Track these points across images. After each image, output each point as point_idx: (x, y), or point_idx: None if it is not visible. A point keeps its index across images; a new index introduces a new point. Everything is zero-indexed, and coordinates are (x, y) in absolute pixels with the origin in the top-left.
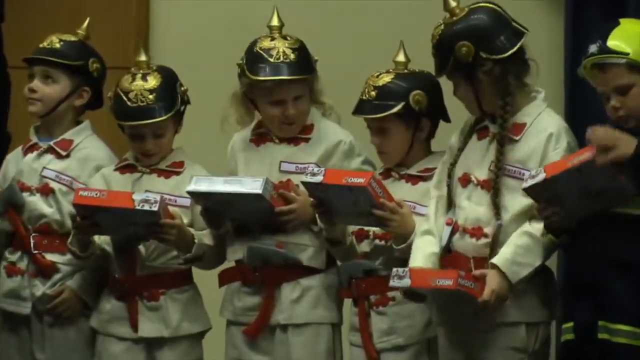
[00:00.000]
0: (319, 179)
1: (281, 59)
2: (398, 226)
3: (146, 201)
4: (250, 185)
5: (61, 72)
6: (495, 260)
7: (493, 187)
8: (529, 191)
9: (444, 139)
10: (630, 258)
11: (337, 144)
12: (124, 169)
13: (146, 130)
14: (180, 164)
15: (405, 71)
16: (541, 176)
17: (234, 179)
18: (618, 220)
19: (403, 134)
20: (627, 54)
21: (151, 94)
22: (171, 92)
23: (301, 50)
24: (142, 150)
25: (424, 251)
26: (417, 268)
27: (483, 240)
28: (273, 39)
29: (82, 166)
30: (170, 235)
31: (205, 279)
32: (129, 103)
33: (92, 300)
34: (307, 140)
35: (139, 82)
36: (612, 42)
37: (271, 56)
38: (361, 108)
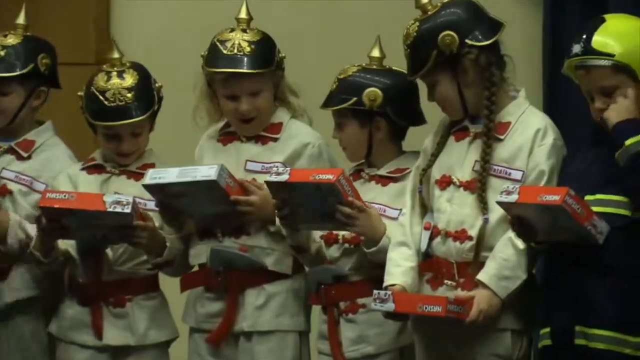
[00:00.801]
0: (284, 177)
1: (235, 51)
2: (364, 226)
3: (118, 203)
4: (205, 172)
5: (13, 83)
6: (481, 277)
7: (479, 182)
8: (501, 205)
9: (420, 140)
10: (610, 261)
11: (305, 146)
12: (91, 169)
13: (124, 130)
14: (151, 166)
15: (374, 67)
16: (514, 197)
17: (189, 168)
18: None
19: (358, 131)
20: (613, 55)
21: (129, 92)
22: (148, 90)
23: (261, 44)
24: (119, 150)
25: (401, 266)
26: (400, 290)
27: (468, 244)
28: (232, 30)
29: (44, 167)
30: (142, 238)
31: (169, 285)
32: (106, 103)
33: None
34: (274, 139)
35: (115, 81)
36: (597, 42)
37: (225, 47)
38: (325, 100)
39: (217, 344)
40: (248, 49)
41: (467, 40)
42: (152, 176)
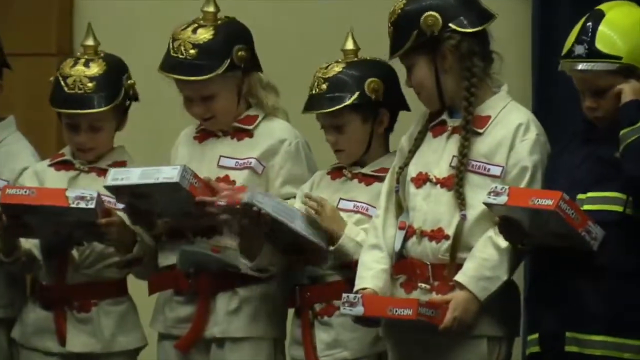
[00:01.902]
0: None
1: (178, 53)
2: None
3: (82, 198)
4: (167, 173)
5: None
6: (459, 278)
7: (457, 177)
8: (489, 207)
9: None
10: (601, 261)
11: (282, 142)
12: (59, 165)
13: (81, 121)
14: (122, 164)
15: (356, 59)
16: (503, 199)
17: (151, 168)
18: None
19: (361, 128)
20: (620, 57)
21: (91, 81)
22: (114, 83)
23: (212, 44)
24: (76, 142)
25: (372, 269)
26: (370, 294)
27: (445, 243)
28: (186, 27)
29: (4, 163)
30: (110, 234)
31: (141, 290)
32: (65, 89)
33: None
34: (250, 135)
35: (79, 68)
36: (602, 42)
37: (172, 49)
38: (312, 104)
39: (186, 350)
40: (192, 52)
41: (450, 24)
42: (114, 177)
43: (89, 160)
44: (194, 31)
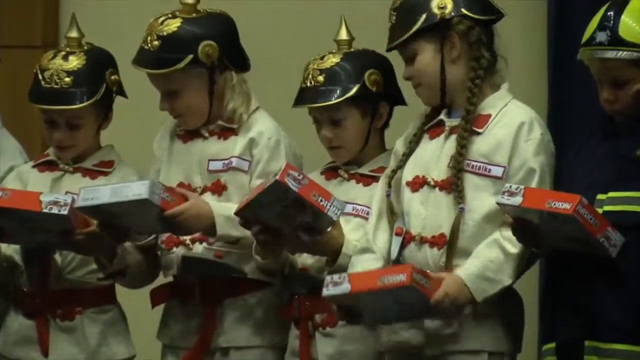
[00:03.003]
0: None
1: (145, 45)
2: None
3: (55, 203)
4: (136, 190)
5: None
6: (460, 272)
7: (455, 177)
8: (502, 207)
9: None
10: (623, 266)
11: (261, 135)
12: (43, 166)
13: (58, 118)
14: (110, 164)
15: (353, 50)
16: (517, 199)
17: (120, 185)
18: None
19: (359, 123)
20: None
21: (68, 76)
22: (95, 78)
23: (175, 37)
24: (54, 140)
25: (364, 267)
26: (357, 272)
27: (444, 250)
28: (160, 18)
29: None
30: (84, 245)
31: (138, 298)
32: (42, 83)
33: None
34: (235, 132)
35: (58, 61)
36: (625, 30)
37: (144, 40)
38: (306, 97)
39: None
40: (156, 43)
41: (462, 9)
42: (84, 197)
43: (74, 160)
44: (163, 22)
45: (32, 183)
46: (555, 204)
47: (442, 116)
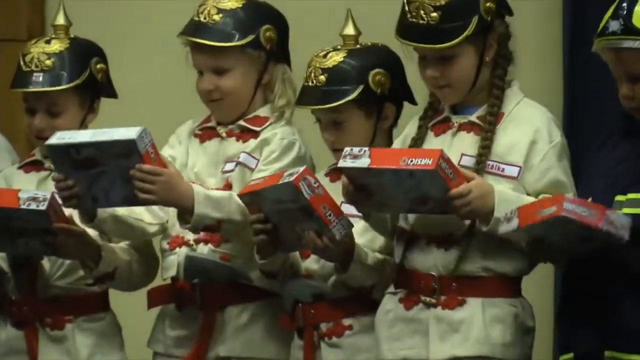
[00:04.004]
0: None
1: (201, 17)
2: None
3: (34, 199)
4: (125, 132)
5: None
6: (496, 185)
7: (479, 160)
8: (507, 236)
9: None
10: None
11: (275, 135)
12: (29, 166)
13: (38, 103)
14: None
15: (358, 46)
16: (514, 222)
17: (105, 130)
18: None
19: (363, 125)
20: None
21: (49, 58)
22: (78, 64)
23: (239, 13)
24: (33, 127)
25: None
26: (380, 148)
27: (454, 252)
28: None
29: None
30: (65, 245)
31: (133, 303)
32: (23, 67)
33: None
34: (256, 136)
35: (40, 45)
36: (639, 19)
37: (197, 13)
38: (307, 97)
39: None
40: (217, 17)
41: (502, 10)
42: (60, 136)
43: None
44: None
45: (17, 185)
46: (544, 212)
47: (446, 113)
